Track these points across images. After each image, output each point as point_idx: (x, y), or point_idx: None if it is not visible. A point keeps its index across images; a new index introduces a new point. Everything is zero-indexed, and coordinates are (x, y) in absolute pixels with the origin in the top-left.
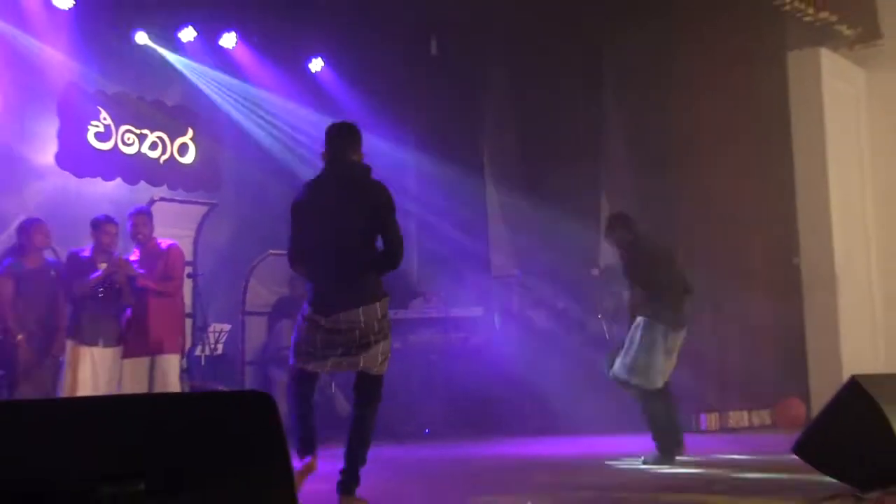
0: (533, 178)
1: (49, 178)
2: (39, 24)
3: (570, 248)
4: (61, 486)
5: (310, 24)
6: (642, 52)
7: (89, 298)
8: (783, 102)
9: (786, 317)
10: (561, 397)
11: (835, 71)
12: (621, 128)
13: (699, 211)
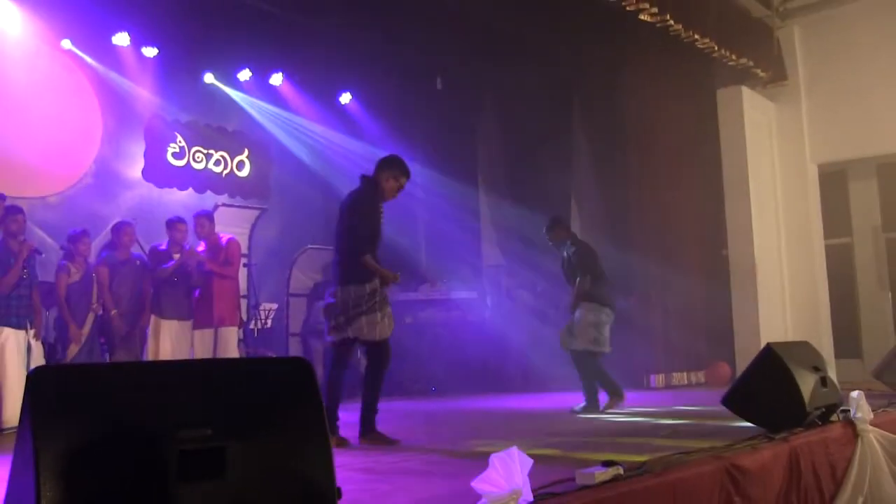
0: (516, 187)
1: (137, 189)
2: (131, 68)
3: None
4: (148, 431)
5: (340, 66)
6: (604, 91)
7: (166, 282)
8: (714, 128)
9: (716, 297)
10: (539, 361)
11: (753, 104)
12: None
13: (649, 214)
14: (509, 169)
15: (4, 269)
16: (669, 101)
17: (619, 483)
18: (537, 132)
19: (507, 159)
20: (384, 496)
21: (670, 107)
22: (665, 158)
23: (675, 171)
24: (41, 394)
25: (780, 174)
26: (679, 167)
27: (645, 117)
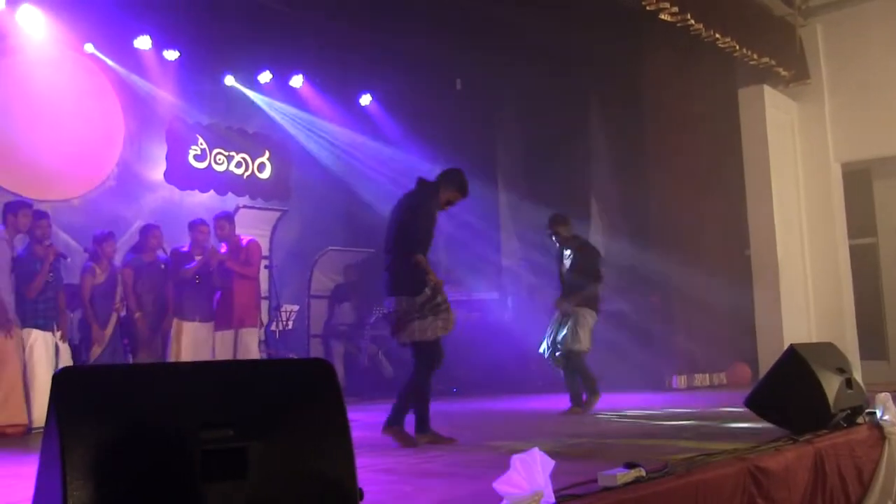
0: (536, 187)
1: (159, 191)
2: (153, 71)
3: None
4: (171, 431)
5: (360, 67)
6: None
7: (188, 284)
8: (735, 128)
9: (739, 298)
10: None
11: (775, 103)
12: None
13: (670, 214)
14: (529, 169)
15: (31, 273)
16: (690, 101)
17: (642, 485)
18: (556, 132)
19: (526, 159)
20: (406, 497)
21: (691, 106)
22: (686, 158)
23: (696, 171)
24: (67, 394)
25: (802, 173)
26: (700, 167)
27: (665, 117)
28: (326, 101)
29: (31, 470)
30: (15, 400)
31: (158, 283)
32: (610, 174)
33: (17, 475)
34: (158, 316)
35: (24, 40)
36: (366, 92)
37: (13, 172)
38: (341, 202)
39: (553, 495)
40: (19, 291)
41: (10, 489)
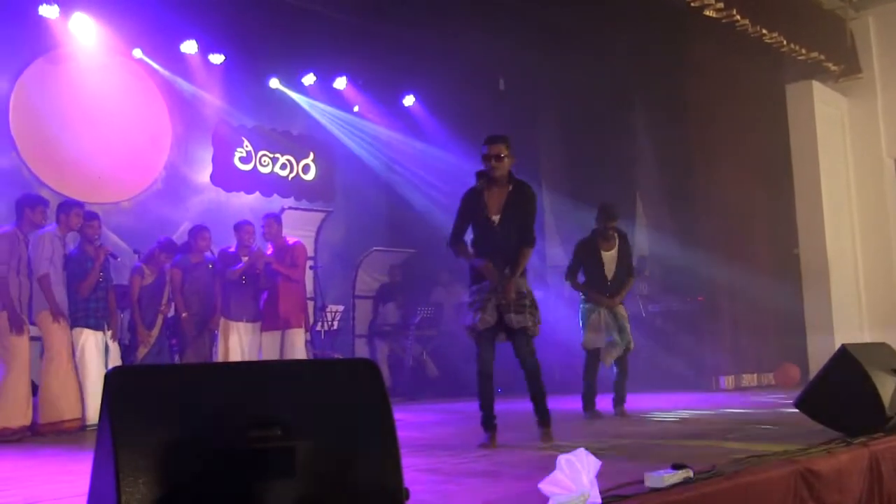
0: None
1: (205, 193)
2: (199, 75)
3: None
4: (220, 431)
5: (404, 68)
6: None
7: (235, 284)
8: (783, 124)
9: (787, 297)
10: None
11: (824, 98)
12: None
13: (717, 212)
14: (572, 169)
15: (83, 272)
16: (736, 98)
17: (690, 486)
18: (600, 131)
19: (569, 159)
20: (451, 497)
21: (737, 103)
22: (732, 156)
23: (742, 169)
24: (119, 394)
25: (853, 170)
26: (747, 164)
27: (710, 114)
28: (370, 102)
29: (85, 467)
30: (67, 396)
31: (205, 283)
32: (655, 173)
33: (72, 472)
34: (205, 316)
35: (76, 47)
36: (409, 93)
37: (65, 176)
38: (385, 203)
39: (599, 496)
40: (71, 290)
41: (66, 486)
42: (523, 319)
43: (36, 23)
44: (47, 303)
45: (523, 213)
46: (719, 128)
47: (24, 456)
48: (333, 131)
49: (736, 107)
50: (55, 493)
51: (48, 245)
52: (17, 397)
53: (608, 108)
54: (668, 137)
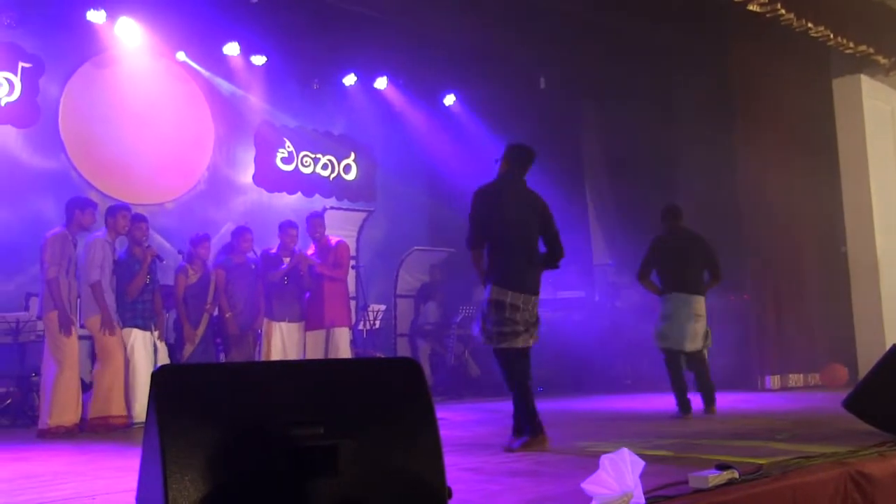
0: (622, 184)
1: (248, 193)
2: (241, 77)
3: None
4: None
5: (444, 68)
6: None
7: (278, 285)
8: (830, 119)
9: (835, 296)
10: (646, 361)
11: (873, 93)
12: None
13: (760, 210)
14: (615, 166)
15: (131, 274)
16: (781, 93)
17: (735, 487)
18: (642, 128)
19: (612, 156)
20: (493, 496)
21: (782, 98)
22: (777, 152)
23: (788, 165)
24: (166, 392)
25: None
26: (792, 161)
27: (754, 110)
28: (410, 101)
29: (135, 463)
30: (117, 393)
31: (249, 283)
32: (698, 169)
33: (122, 468)
34: (249, 316)
35: (122, 51)
36: (450, 92)
37: (112, 179)
38: (426, 202)
39: (643, 496)
40: (119, 292)
41: (117, 481)
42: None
43: (84, 28)
44: (99, 309)
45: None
46: (764, 124)
47: (76, 452)
48: (374, 131)
49: (781, 101)
50: (107, 488)
51: (99, 251)
52: (69, 395)
53: (650, 105)
54: (710, 133)
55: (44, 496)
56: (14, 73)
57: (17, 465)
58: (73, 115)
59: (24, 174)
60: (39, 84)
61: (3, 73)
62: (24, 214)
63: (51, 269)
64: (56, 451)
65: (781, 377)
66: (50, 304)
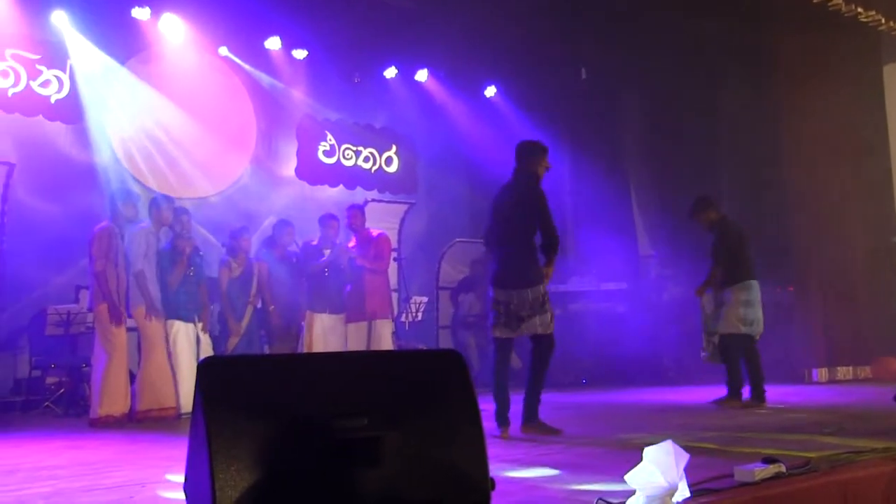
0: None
1: (290, 186)
2: (283, 70)
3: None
4: (308, 419)
5: (486, 60)
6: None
7: (319, 277)
8: (880, 107)
9: (886, 287)
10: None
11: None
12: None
13: (808, 200)
14: (657, 157)
15: (173, 266)
16: (829, 80)
17: (782, 481)
18: (684, 117)
19: (654, 147)
20: (536, 488)
21: (830, 86)
22: (824, 141)
23: (836, 153)
24: (211, 383)
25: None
26: (841, 149)
27: (801, 97)
28: (451, 93)
29: (181, 453)
30: (163, 385)
31: (291, 276)
32: (742, 158)
33: (170, 457)
34: (292, 308)
35: (166, 47)
36: (491, 84)
37: (157, 173)
38: (467, 194)
39: (688, 489)
40: (162, 283)
41: (165, 470)
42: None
43: (129, 25)
44: (143, 298)
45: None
46: (810, 112)
47: (126, 441)
48: (415, 123)
49: (829, 89)
50: (156, 476)
51: (142, 242)
52: (118, 386)
53: (693, 95)
54: (755, 121)
55: (98, 483)
56: (63, 71)
57: (71, 452)
58: (118, 110)
59: (73, 169)
60: (87, 81)
61: (53, 72)
62: (73, 208)
63: (98, 262)
64: (106, 439)
65: (829, 370)
66: (99, 296)
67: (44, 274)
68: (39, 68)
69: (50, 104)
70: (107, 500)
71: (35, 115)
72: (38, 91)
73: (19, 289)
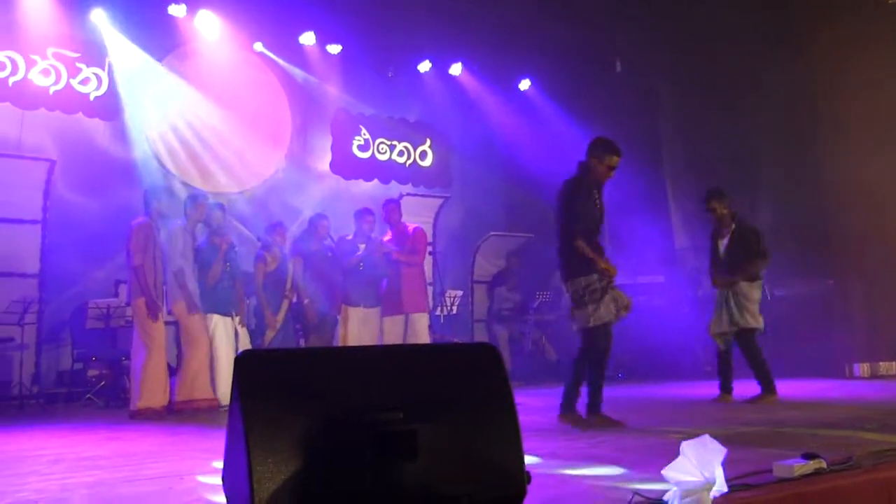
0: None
1: (325, 181)
2: (317, 65)
3: None
4: (344, 412)
5: (520, 53)
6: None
7: (354, 271)
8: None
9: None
10: None
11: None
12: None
13: (850, 190)
14: (693, 150)
15: (210, 262)
16: (871, 73)
17: (823, 477)
18: (722, 111)
19: (689, 138)
20: (571, 482)
21: (871, 72)
22: (867, 130)
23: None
24: (249, 376)
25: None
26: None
27: (842, 92)
28: (485, 87)
29: (219, 445)
30: (203, 377)
31: (326, 270)
32: (781, 150)
33: (207, 449)
34: (327, 302)
35: (202, 44)
36: (525, 77)
37: (193, 168)
38: (502, 188)
39: (726, 484)
40: (201, 279)
41: (204, 461)
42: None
43: (165, 22)
44: (182, 295)
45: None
46: (853, 100)
47: (165, 433)
48: (449, 117)
49: (872, 76)
50: (195, 468)
51: (180, 239)
52: (158, 379)
53: (730, 84)
54: (795, 112)
55: (139, 474)
56: (101, 69)
57: (112, 444)
58: (155, 107)
59: (111, 165)
60: (124, 78)
61: (93, 69)
62: (111, 204)
63: (136, 257)
64: (146, 431)
65: (871, 365)
66: (137, 290)
67: (84, 268)
68: (79, 66)
69: (89, 101)
70: (147, 490)
71: (75, 112)
72: (77, 88)
73: (61, 283)
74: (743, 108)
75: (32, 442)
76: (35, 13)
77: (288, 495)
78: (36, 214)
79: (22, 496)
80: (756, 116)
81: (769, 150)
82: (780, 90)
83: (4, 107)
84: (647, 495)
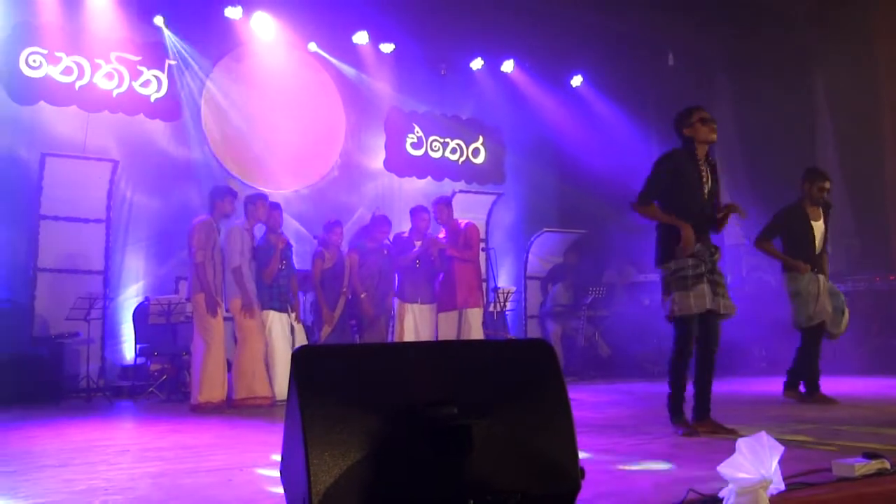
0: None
1: (379, 179)
2: (370, 64)
3: None
4: (400, 407)
5: (571, 48)
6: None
7: (409, 268)
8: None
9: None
10: (783, 343)
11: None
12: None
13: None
14: (746, 145)
15: (267, 260)
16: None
17: (886, 477)
18: (775, 106)
19: (744, 132)
20: (626, 478)
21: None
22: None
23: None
24: (306, 371)
25: None
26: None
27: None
28: (537, 83)
29: (277, 438)
30: (260, 374)
31: (382, 266)
32: (840, 142)
33: (265, 442)
34: (382, 298)
35: (258, 45)
36: (577, 72)
37: (251, 168)
38: (554, 184)
39: (783, 482)
40: (258, 276)
41: (262, 454)
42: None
43: (222, 24)
44: (240, 293)
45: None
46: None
47: (224, 426)
48: (502, 114)
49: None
50: (254, 460)
51: (238, 238)
52: (216, 374)
53: (786, 76)
54: (852, 103)
55: (199, 465)
56: (161, 71)
57: (174, 436)
58: (213, 107)
59: (172, 165)
60: (183, 80)
61: (153, 72)
62: (172, 203)
63: (198, 254)
64: (206, 424)
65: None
66: (197, 286)
67: (146, 265)
68: (140, 69)
69: (150, 103)
70: (207, 482)
71: (136, 114)
72: (139, 91)
73: (124, 280)
74: (799, 101)
75: (100, 433)
76: (99, 19)
77: (344, 489)
78: (100, 214)
79: (93, 484)
80: (813, 109)
81: (828, 143)
82: (837, 82)
83: (71, 110)
84: (702, 492)
